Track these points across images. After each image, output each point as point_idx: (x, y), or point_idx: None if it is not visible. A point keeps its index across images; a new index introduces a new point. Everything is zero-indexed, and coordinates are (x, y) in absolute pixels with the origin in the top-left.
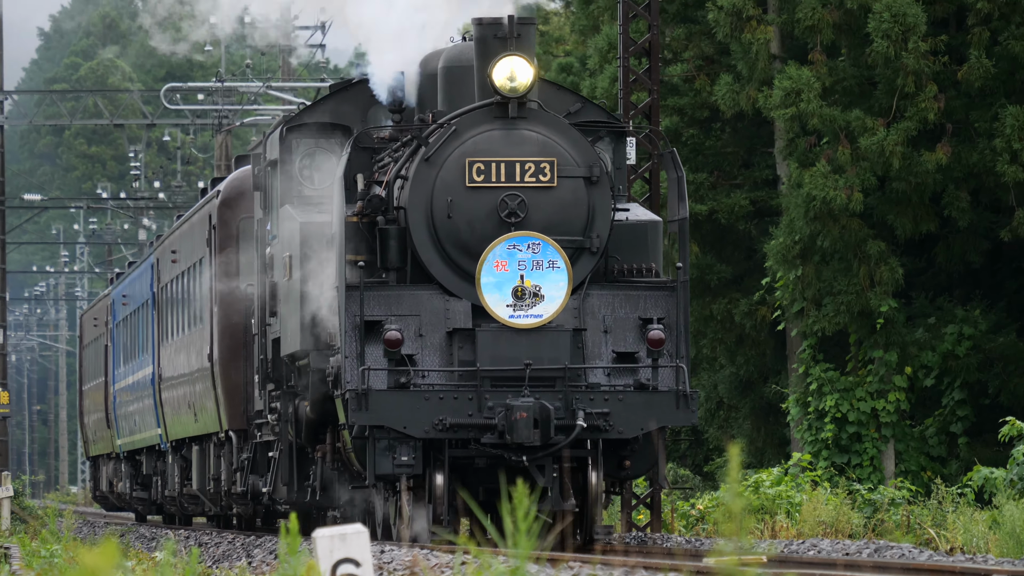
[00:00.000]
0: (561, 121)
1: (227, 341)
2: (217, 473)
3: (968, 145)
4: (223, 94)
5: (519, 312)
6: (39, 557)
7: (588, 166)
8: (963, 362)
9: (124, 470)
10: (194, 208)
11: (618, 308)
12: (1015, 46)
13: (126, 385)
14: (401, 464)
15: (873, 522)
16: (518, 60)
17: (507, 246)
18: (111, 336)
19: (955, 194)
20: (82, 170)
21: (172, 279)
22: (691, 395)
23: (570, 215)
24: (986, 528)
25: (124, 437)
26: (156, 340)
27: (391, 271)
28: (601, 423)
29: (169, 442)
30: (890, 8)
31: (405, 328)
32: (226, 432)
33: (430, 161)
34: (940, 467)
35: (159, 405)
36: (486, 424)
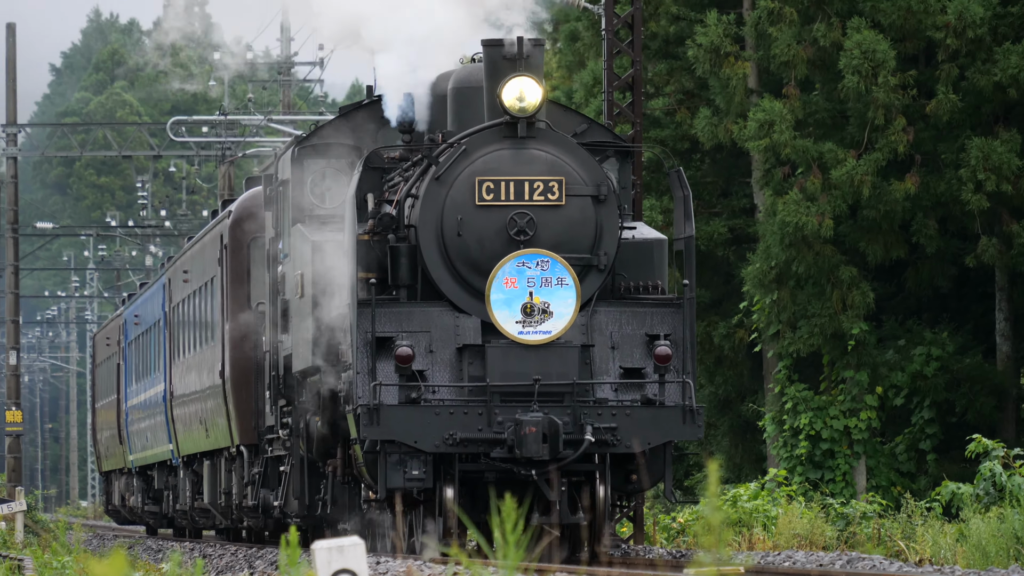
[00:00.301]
0: (569, 140)
1: (238, 359)
2: (228, 487)
3: (936, 175)
4: (226, 127)
5: (528, 328)
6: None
7: (596, 185)
8: (931, 382)
9: (136, 485)
10: (205, 229)
11: (625, 324)
12: (981, 81)
13: (138, 403)
14: (412, 478)
15: (846, 535)
16: (527, 80)
17: (516, 263)
18: (123, 355)
19: (923, 222)
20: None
21: (183, 299)
22: (697, 410)
23: (578, 233)
24: (953, 541)
25: (136, 453)
26: (168, 358)
27: (402, 288)
28: (609, 438)
29: (181, 457)
30: (861, 45)
31: (416, 344)
32: (237, 447)
33: (440, 180)
34: (909, 482)
35: (171, 422)
36: (496, 439)
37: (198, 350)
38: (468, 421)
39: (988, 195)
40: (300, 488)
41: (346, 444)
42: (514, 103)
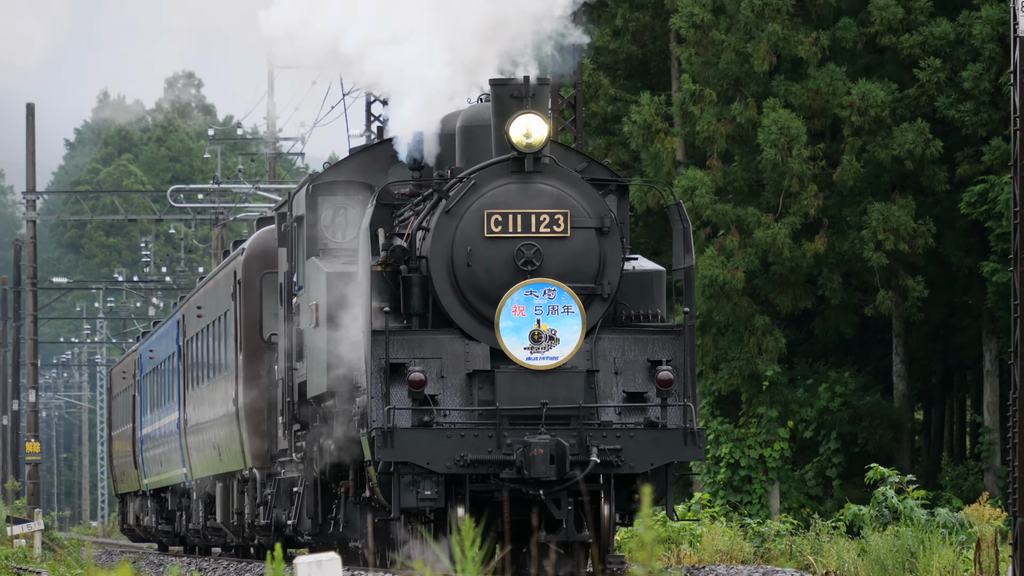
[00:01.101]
0: (573, 175)
1: (251, 387)
2: (240, 507)
3: (841, 235)
4: (219, 194)
5: (536, 354)
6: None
7: (599, 217)
8: (836, 416)
9: (150, 506)
10: (218, 267)
11: (628, 351)
12: (880, 154)
13: (152, 430)
14: (424, 498)
15: (761, 550)
16: (534, 118)
17: (524, 292)
18: (138, 387)
19: (829, 276)
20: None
21: (197, 333)
22: (698, 432)
23: (582, 263)
24: (855, 555)
25: (151, 476)
26: (181, 389)
27: (414, 317)
28: (613, 459)
29: (194, 480)
30: (777, 122)
31: (428, 370)
32: (250, 470)
33: (451, 213)
34: (817, 504)
35: (184, 447)
36: (505, 460)
37: (212, 380)
38: (478, 443)
39: (886, 253)
40: (313, 508)
41: (358, 466)
42: (521, 139)
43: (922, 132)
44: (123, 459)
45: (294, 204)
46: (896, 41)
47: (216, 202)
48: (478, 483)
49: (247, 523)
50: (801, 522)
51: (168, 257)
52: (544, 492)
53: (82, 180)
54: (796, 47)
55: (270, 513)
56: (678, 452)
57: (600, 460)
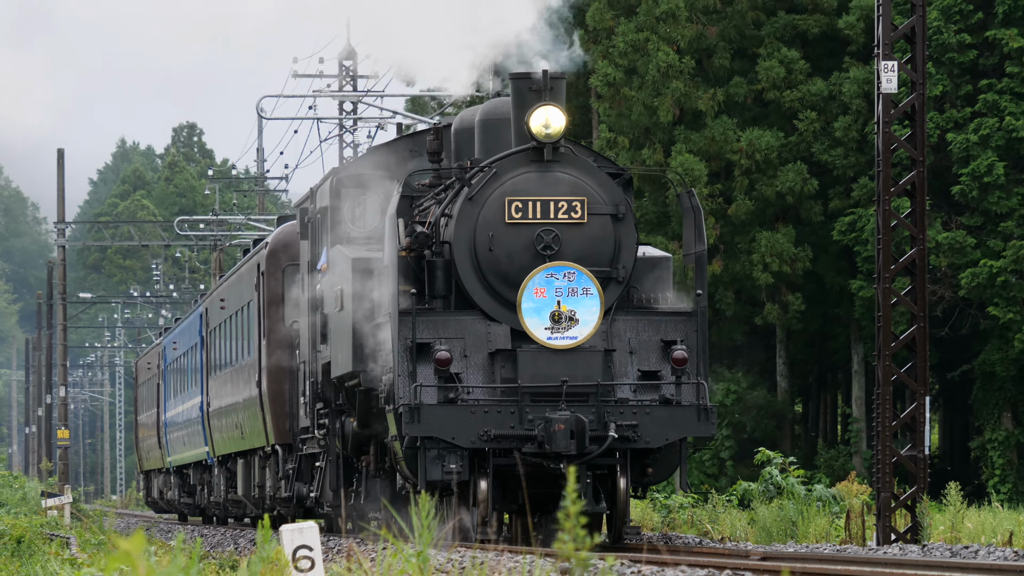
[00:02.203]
0: (589, 164)
1: (274, 370)
2: (262, 481)
3: (734, 259)
4: (217, 224)
5: (556, 334)
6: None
7: (615, 204)
8: (730, 409)
9: (173, 481)
10: (241, 263)
11: (642, 331)
12: (766, 190)
13: (176, 413)
14: (449, 471)
15: (667, 520)
16: (552, 109)
17: (545, 275)
18: (162, 376)
19: (724, 293)
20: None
21: (220, 323)
22: (711, 409)
23: (599, 248)
24: (746, 523)
25: (174, 455)
26: (204, 375)
27: (437, 299)
28: (630, 434)
29: (216, 457)
30: (682, 164)
31: (452, 349)
32: (272, 446)
33: (473, 200)
34: (714, 482)
35: (207, 428)
36: (527, 435)
37: (235, 365)
38: (501, 419)
39: (772, 273)
40: (336, 481)
41: (378, 441)
42: (540, 129)
43: (801, 172)
44: (148, 441)
45: (318, 196)
46: (779, 96)
47: (215, 231)
48: (500, 457)
49: (268, 495)
50: (701, 496)
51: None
52: (564, 466)
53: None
54: (696, 101)
55: (292, 486)
56: (691, 428)
57: (617, 435)
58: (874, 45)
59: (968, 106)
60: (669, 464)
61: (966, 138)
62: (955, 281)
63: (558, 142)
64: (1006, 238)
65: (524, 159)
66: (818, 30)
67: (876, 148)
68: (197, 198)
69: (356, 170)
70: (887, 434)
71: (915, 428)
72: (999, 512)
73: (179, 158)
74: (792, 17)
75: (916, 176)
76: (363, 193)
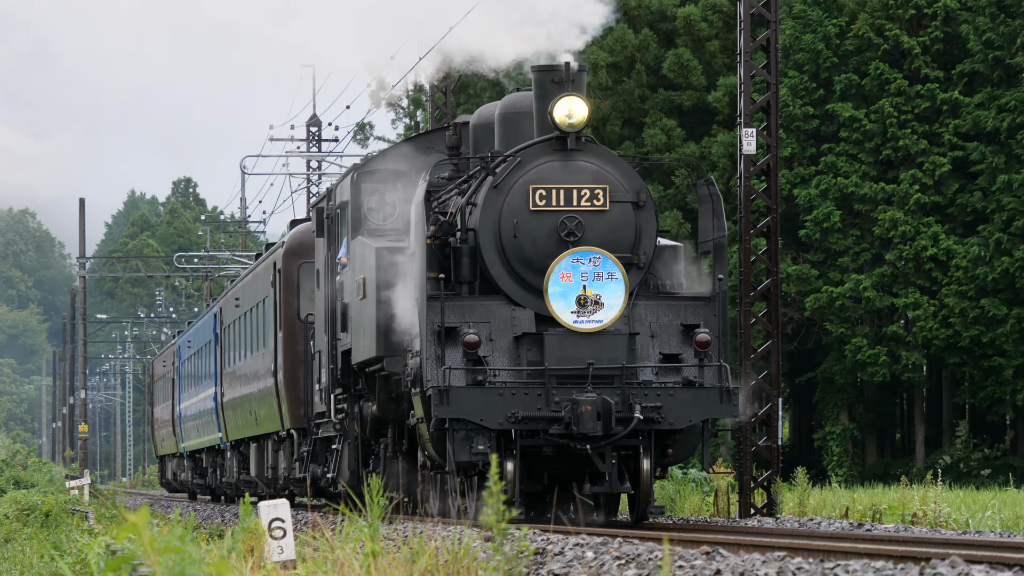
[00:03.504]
0: (611, 153)
1: (289, 359)
2: (275, 463)
3: None
4: (208, 259)
5: (582, 318)
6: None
7: (636, 192)
8: None
9: (186, 464)
10: (256, 262)
11: (662, 316)
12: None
13: (190, 404)
14: (478, 452)
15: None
16: (575, 99)
17: (571, 259)
18: (177, 372)
19: None
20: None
21: (234, 320)
22: (733, 391)
23: (620, 235)
24: None
25: (188, 441)
26: (218, 368)
27: (463, 284)
28: (654, 415)
29: (229, 442)
30: None
31: (479, 333)
32: (288, 431)
33: (498, 188)
34: None
35: (220, 415)
36: (554, 417)
37: (250, 357)
38: (528, 401)
39: None
40: (355, 462)
41: (396, 424)
42: (564, 119)
43: (677, 218)
44: (163, 430)
45: (337, 193)
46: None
47: (206, 264)
48: (527, 438)
49: (282, 476)
50: None
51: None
52: (591, 447)
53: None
54: None
55: (307, 467)
56: (715, 409)
57: (643, 416)
58: (737, 116)
59: (812, 165)
60: (688, 445)
61: (809, 192)
62: (802, 305)
63: (581, 131)
64: (843, 271)
65: (548, 148)
66: (691, 104)
67: (739, 198)
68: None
69: (376, 166)
70: (747, 428)
71: (770, 423)
72: (837, 491)
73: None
74: (670, 93)
75: (771, 221)
76: (383, 187)
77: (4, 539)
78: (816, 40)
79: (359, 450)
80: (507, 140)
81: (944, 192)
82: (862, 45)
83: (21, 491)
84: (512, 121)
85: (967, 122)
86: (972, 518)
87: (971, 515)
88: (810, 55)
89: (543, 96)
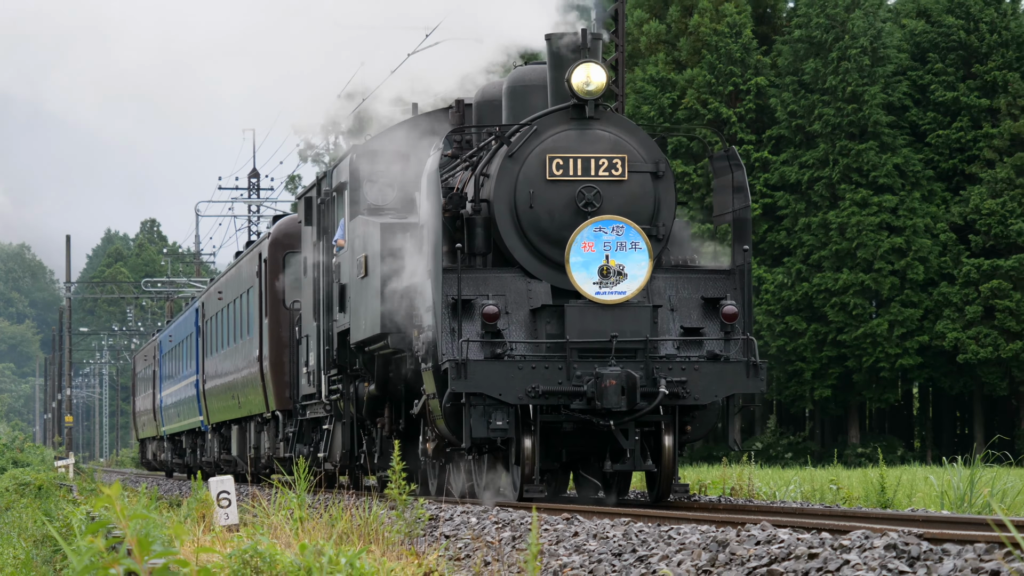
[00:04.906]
0: (629, 122)
1: (275, 344)
2: (257, 443)
3: None
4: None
5: (604, 289)
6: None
7: (654, 162)
8: None
9: (165, 445)
10: (239, 257)
11: (681, 289)
12: None
13: (171, 391)
14: (496, 428)
15: None
16: (594, 66)
17: (593, 228)
18: (159, 364)
19: None
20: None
21: (216, 312)
22: (760, 365)
23: (639, 206)
24: None
25: (168, 425)
26: (200, 358)
27: (476, 256)
28: (679, 390)
29: (210, 424)
30: None
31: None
32: (273, 412)
33: (513, 158)
34: None
35: (202, 400)
36: (575, 391)
37: (233, 345)
38: (549, 375)
39: None
40: (350, 442)
41: (393, 403)
42: (582, 85)
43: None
44: (145, 416)
45: (334, 175)
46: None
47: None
48: (547, 414)
49: (266, 455)
50: None
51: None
52: (614, 423)
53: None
54: None
55: (293, 448)
56: (741, 384)
57: (668, 392)
58: None
59: None
60: (707, 422)
61: None
62: None
63: (599, 99)
64: None
65: (564, 116)
66: None
67: None
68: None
69: (376, 146)
70: None
71: None
72: None
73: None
74: None
75: None
76: (382, 168)
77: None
78: (653, 110)
79: (353, 430)
80: (515, 114)
81: (757, 231)
82: (690, 115)
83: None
84: (520, 94)
85: (775, 176)
86: (778, 491)
87: (777, 488)
88: (647, 122)
89: (558, 64)
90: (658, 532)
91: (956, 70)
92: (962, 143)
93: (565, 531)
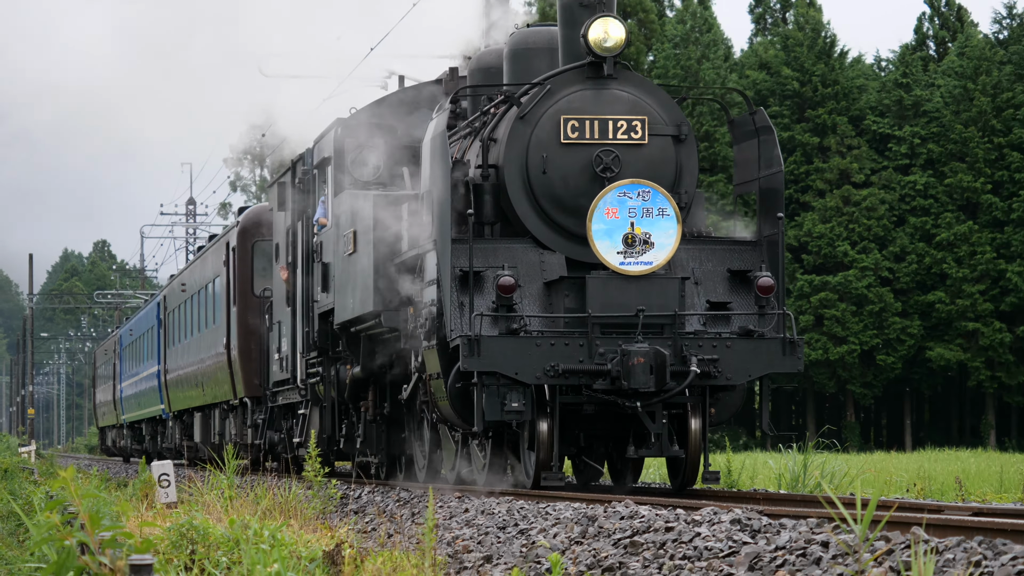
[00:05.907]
0: (648, 82)
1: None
2: (222, 430)
3: None
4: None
5: (629, 259)
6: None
7: (676, 125)
8: None
9: (125, 433)
10: (206, 247)
11: (705, 261)
12: None
13: (131, 382)
14: (511, 410)
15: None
16: (612, 20)
17: (618, 193)
18: (119, 357)
19: None
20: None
21: (179, 304)
22: (797, 342)
23: (660, 171)
24: None
25: (128, 413)
26: (162, 349)
27: (484, 226)
28: (710, 369)
29: (172, 412)
30: None
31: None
32: (241, 400)
33: (525, 119)
34: None
35: (163, 390)
36: (599, 370)
37: (198, 334)
38: (569, 352)
39: None
40: (331, 426)
41: (378, 386)
42: (599, 40)
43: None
44: (105, 407)
45: (316, 151)
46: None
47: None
48: (566, 395)
49: (233, 441)
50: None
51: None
52: (640, 404)
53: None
54: None
55: (263, 434)
56: (777, 363)
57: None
58: None
59: None
60: (731, 404)
61: None
62: None
63: (617, 56)
64: None
65: (580, 75)
66: None
67: None
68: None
69: (362, 119)
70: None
71: None
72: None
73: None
74: None
75: None
76: (368, 140)
77: None
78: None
79: (333, 414)
80: (518, 79)
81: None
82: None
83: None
84: (524, 57)
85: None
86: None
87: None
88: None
89: (570, 21)
90: (537, 508)
91: (792, 113)
92: (796, 175)
93: (458, 507)
